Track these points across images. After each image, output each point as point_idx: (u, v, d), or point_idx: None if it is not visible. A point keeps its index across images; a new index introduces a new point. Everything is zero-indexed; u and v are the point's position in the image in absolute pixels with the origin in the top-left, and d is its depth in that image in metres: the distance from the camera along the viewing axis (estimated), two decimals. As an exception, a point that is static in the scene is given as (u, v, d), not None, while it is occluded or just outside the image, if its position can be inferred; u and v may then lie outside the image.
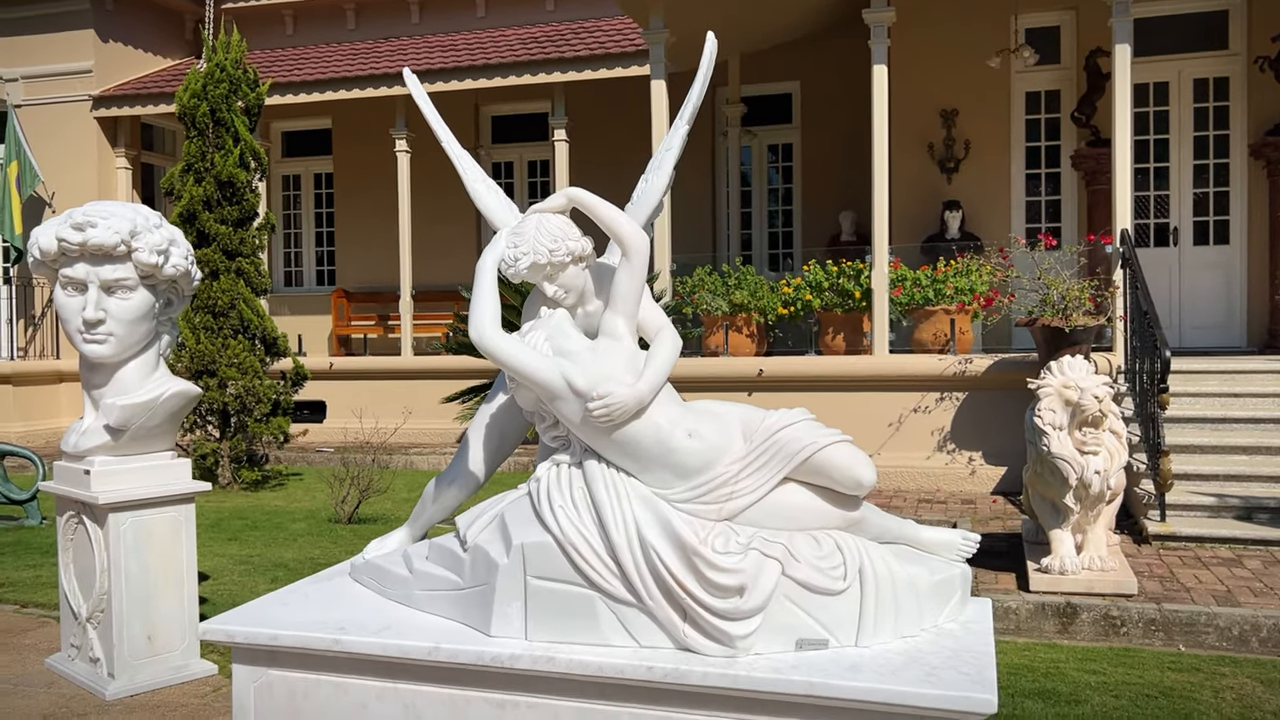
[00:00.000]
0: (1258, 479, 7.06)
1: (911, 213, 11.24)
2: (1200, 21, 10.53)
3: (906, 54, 11.10)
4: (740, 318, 9.68)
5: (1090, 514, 5.71)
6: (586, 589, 2.31)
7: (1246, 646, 5.13)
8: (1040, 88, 11.02)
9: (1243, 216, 10.40)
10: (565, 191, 2.51)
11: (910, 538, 2.52)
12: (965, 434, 8.78)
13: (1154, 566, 6.14)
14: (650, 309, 2.51)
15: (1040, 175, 11.08)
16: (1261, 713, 4.21)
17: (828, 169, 12.92)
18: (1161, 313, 10.55)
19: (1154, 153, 10.71)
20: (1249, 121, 10.34)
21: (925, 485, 8.80)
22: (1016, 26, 10.70)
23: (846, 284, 9.39)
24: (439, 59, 13.15)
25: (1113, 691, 4.43)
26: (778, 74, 13.30)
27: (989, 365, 8.59)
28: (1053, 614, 5.45)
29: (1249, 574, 5.90)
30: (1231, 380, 8.08)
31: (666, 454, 2.34)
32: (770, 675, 2.13)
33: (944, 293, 9.07)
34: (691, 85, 2.66)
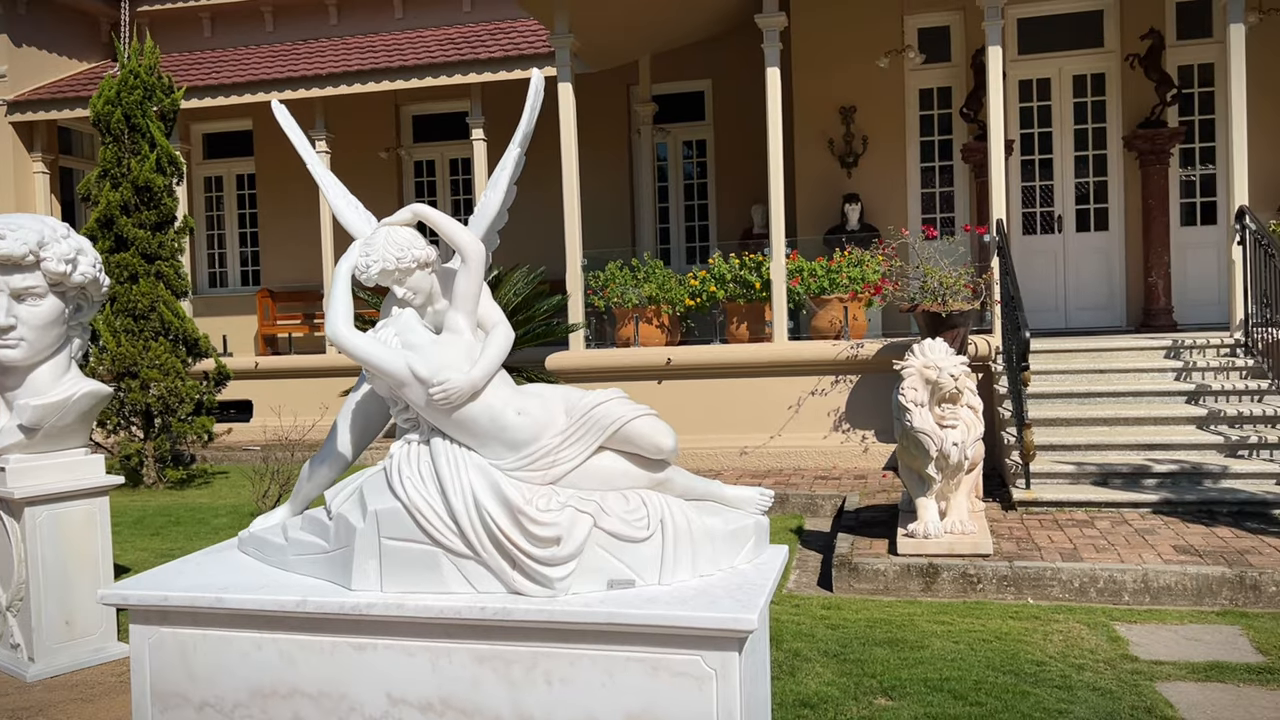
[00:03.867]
0: (1114, 448, 7.69)
1: (816, 205, 11.77)
2: (1078, 21, 11.19)
3: (807, 53, 11.62)
4: (650, 309, 10.12)
5: (951, 482, 6.25)
6: (431, 546, 2.72)
7: (1085, 596, 5.71)
8: (932, 85, 11.61)
9: (1120, 204, 11.10)
10: (411, 207, 2.92)
11: (715, 494, 2.97)
12: (859, 414, 9.34)
13: (1014, 529, 6.71)
14: (488, 306, 2.92)
15: (934, 168, 11.68)
16: (1079, 650, 4.76)
17: (740, 164, 13.42)
18: (1049, 296, 11.26)
19: (1039, 145, 11.36)
20: (1123, 115, 11.02)
21: (822, 463, 9.34)
22: (906, 27, 11.27)
23: (748, 275, 9.88)
24: (357, 60, 13.39)
25: (954, 639, 4.95)
26: (690, 72, 13.77)
27: (878, 349, 9.14)
28: (917, 574, 5.98)
29: (1097, 533, 6.49)
30: (1099, 357, 8.72)
31: (499, 430, 2.75)
32: (580, 609, 2.56)
33: (839, 282, 9.60)
34: (523, 112, 3.06)
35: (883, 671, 4.45)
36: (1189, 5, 10.84)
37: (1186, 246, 10.90)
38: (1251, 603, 5.44)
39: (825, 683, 4.36)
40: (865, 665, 4.55)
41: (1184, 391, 8.08)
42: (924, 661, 4.61)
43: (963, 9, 11.02)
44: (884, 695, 4.22)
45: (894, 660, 4.63)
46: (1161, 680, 4.34)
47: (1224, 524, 6.55)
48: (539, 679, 2.60)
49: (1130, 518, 6.84)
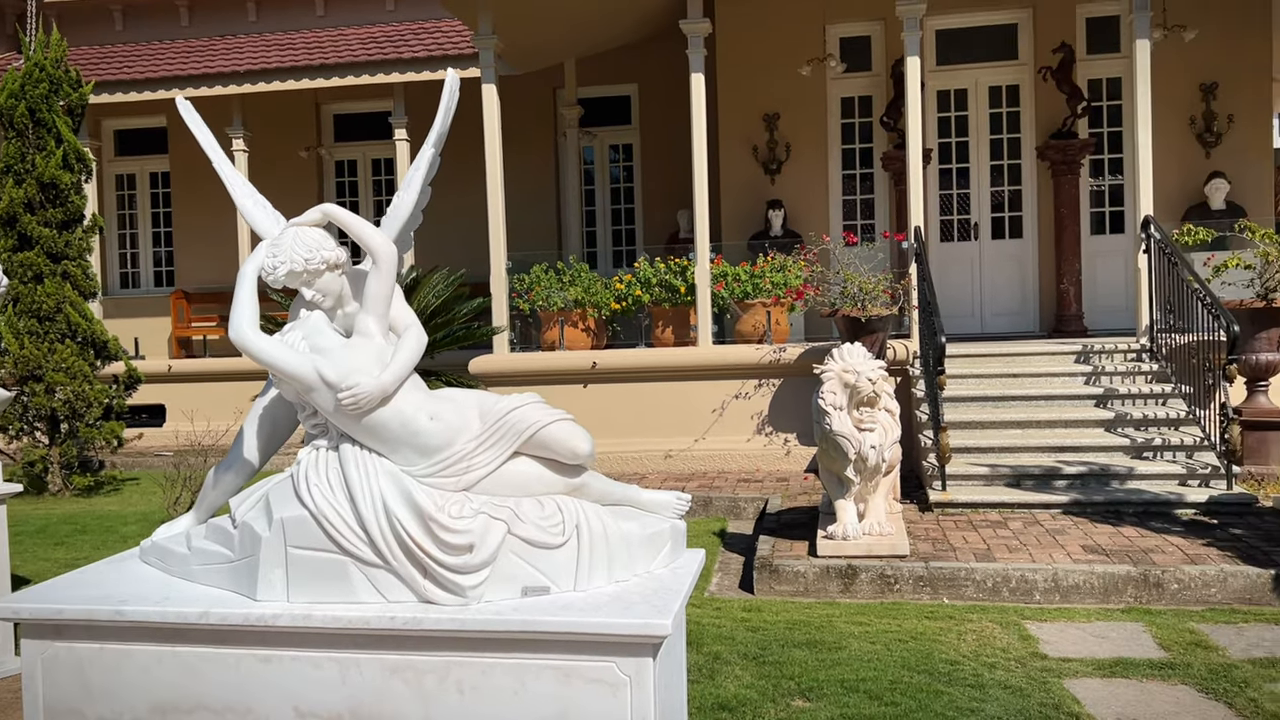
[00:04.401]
0: (1027, 450, 7.89)
1: (740, 211, 11.87)
2: (993, 34, 11.48)
3: (731, 60, 11.72)
4: (576, 313, 10.09)
5: (869, 485, 6.34)
6: (339, 555, 2.66)
7: (998, 596, 5.84)
8: (854, 93, 11.79)
9: (1033, 213, 11.41)
10: (320, 207, 2.86)
11: (631, 499, 2.95)
12: (781, 417, 9.43)
13: (930, 531, 6.83)
14: (401, 309, 2.87)
15: (855, 175, 11.86)
16: (991, 649, 4.86)
17: (666, 169, 13.47)
18: (965, 302, 11.52)
19: (956, 154, 11.62)
20: (1037, 126, 11.34)
21: (745, 466, 9.41)
22: (828, 36, 11.43)
23: (674, 280, 9.91)
24: (277, 58, 13.11)
25: (872, 639, 5.02)
26: (616, 76, 13.78)
27: (800, 353, 9.25)
28: (836, 575, 6.05)
29: (1009, 534, 6.65)
30: (1013, 362, 8.93)
31: (411, 436, 2.70)
32: (493, 617, 2.53)
33: (762, 287, 9.69)
34: (437, 112, 3.02)
35: (801, 673, 4.49)
36: (1098, 20, 11.20)
37: (1096, 254, 11.25)
38: (1155, 600, 5.62)
39: (744, 685, 4.38)
40: (784, 667, 4.58)
41: (1093, 395, 8.32)
42: (842, 662, 4.66)
43: (883, 19, 11.21)
44: (802, 697, 4.26)
45: (812, 662, 4.68)
46: (1069, 677, 4.45)
47: (1130, 524, 6.76)
48: (451, 689, 2.56)
49: (1041, 518, 7.01)
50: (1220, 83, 10.94)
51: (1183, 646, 4.79)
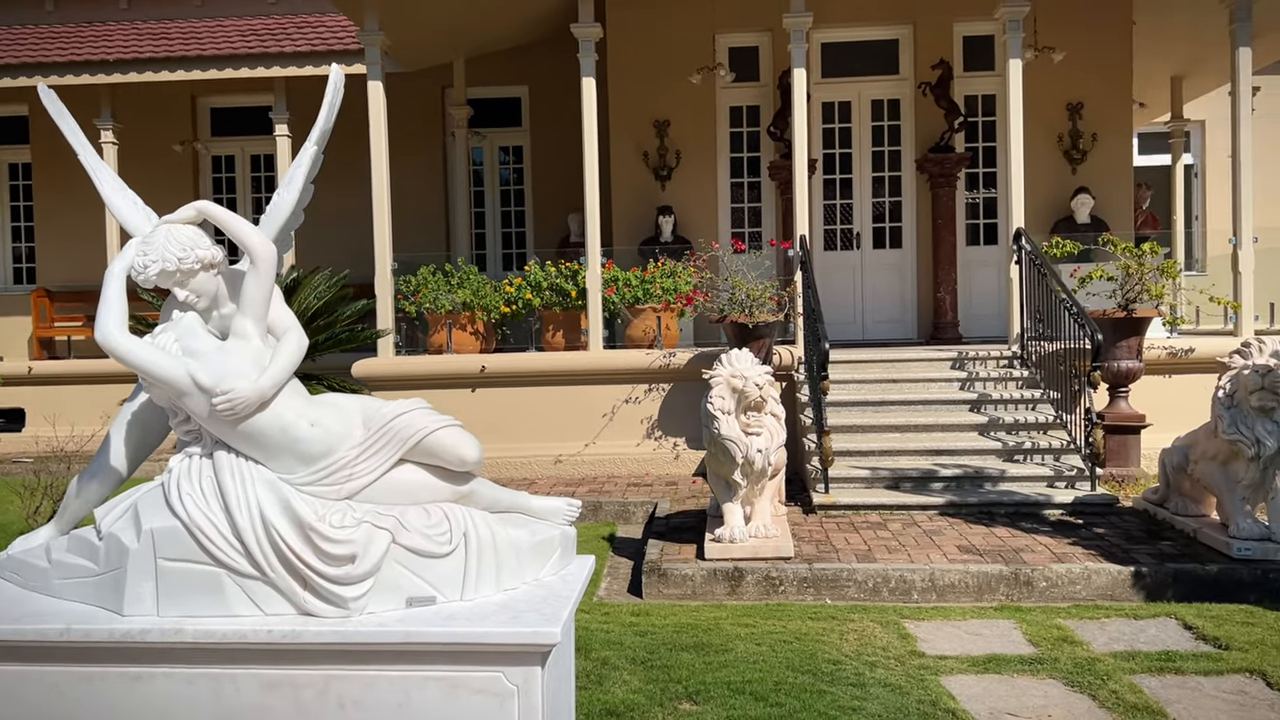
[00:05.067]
0: (906, 453, 8.13)
1: (631, 216, 11.92)
2: (876, 49, 11.81)
3: (622, 65, 11.75)
4: (464, 316, 9.96)
5: (756, 488, 6.44)
6: (213, 567, 2.55)
7: (878, 596, 5.99)
8: (742, 103, 11.97)
9: (912, 224, 11.78)
10: (195, 204, 2.74)
11: (521, 506, 2.92)
12: (671, 422, 9.50)
13: (814, 533, 6.98)
14: (280, 311, 2.78)
15: (744, 183, 12.04)
16: (872, 648, 4.98)
17: (557, 172, 13.42)
18: (848, 309, 11.80)
19: (840, 165, 11.91)
20: (916, 139, 11.70)
21: (635, 470, 9.44)
22: (718, 46, 11.58)
23: (564, 284, 9.88)
24: (149, 47, 12.57)
25: (757, 641, 5.08)
26: (507, 78, 13.68)
27: (690, 358, 9.34)
28: (723, 578, 6.11)
29: (889, 535, 6.84)
30: (893, 368, 9.20)
31: (291, 443, 2.62)
32: (375, 629, 2.47)
33: (653, 292, 9.74)
34: (320, 109, 2.94)
35: (688, 676, 4.52)
36: (975, 39, 11.64)
37: (971, 264, 11.68)
38: (1025, 597, 5.86)
39: (632, 690, 4.38)
40: (672, 671, 4.61)
41: (968, 400, 8.63)
42: (728, 665, 4.70)
43: (771, 31, 11.41)
44: (689, 700, 4.28)
45: (699, 665, 4.71)
46: (945, 674, 4.60)
47: (1002, 524, 7.03)
48: (331, 703, 2.49)
49: (920, 519, 7.24)
50: (1085, 103, 11.50)
51: (1051, 642, 5.00)
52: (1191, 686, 4.41)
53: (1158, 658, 4.72)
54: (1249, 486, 6.04)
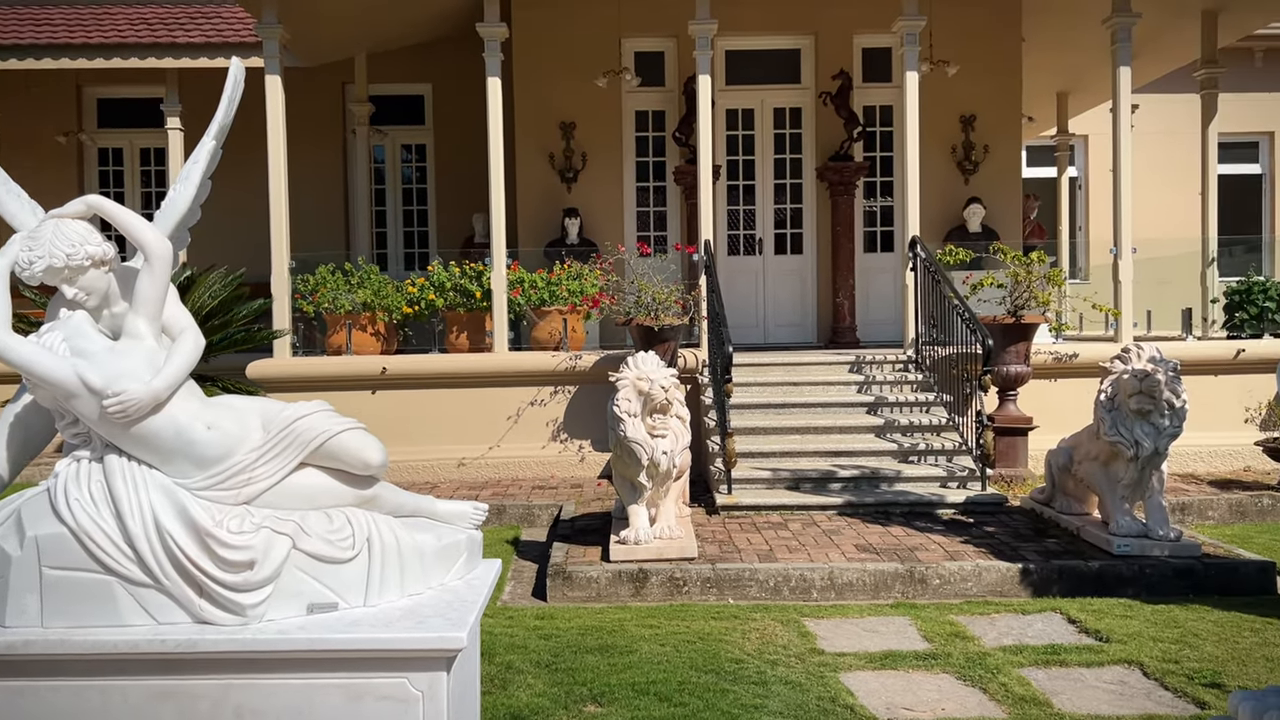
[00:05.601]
0: (805, 454, 8.29)
1: (537, 218, 11.88)
2: (779, 58, 12.02)
3: (528, 66, 11.71)
4: (365, 316, 9.78)
5: (661, 490, 6.48)
6: (104, 575, 2.46)
7: (779, 595, 6.09)
8: (648, 107, 12.05)
9: (813, 230, 12.02)
10: (85, 199, 2.63)
11: (426, 510, 2.89)
12: (576, 424, 9.49)
13: (717, 533, 7.06)
14: (176, 310, 2.69)
15: (649, 187, 12.12)
16: (773, 646, 5.07)
17: (462, 172, 13.29)
18: (751, 313, 11.97)
19: (743, 172, 12.08)
20: (817, 148, 11.95)
21: (540, 473, 9.41)
22: (624, 50, 11.63)
23: (469, 285, 9.79)
24: (30, 33, 12.01)
25: (661, 641, 5.12)
26: (410, 75, 13.49)
27: (596, 361, 9.35)
28: (628, 580, 6.13)
29: (790, 534, 6.96)
30: (794, 371, 9.37)
31: (186, 446, 2.54)
32: (275, 636, 2.41)
33: (559, 294, 9.72)
34: (220, 103, 2.86)
35: (593, 679, 4.53)
36: (874, 51, 11.94)
37: (869, 271, 11.97)
38: (919, 595, 6.04)
39: (537, 694, 4.37)
40: (576, 674, 4.61)
41: (865, 403, 8.85)
42: (633, 666, 4.73)
43: (676, 37, 11.51)
44: (594, 702, 4.29)
45: (604, 667, 4.73)
46: (844, 671, 4.71)
47: (897, 523, 7.23)
48: (228, 713, 2.42)
49: (819, 519, 7.39)
50: (978, 115, 11.91)
51: (944, 638, 5.16)
52: (1075, 678, 4.60)
53: (1044, 651, 4.92)
54: (1128, 486, 6.34)
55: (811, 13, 11.61)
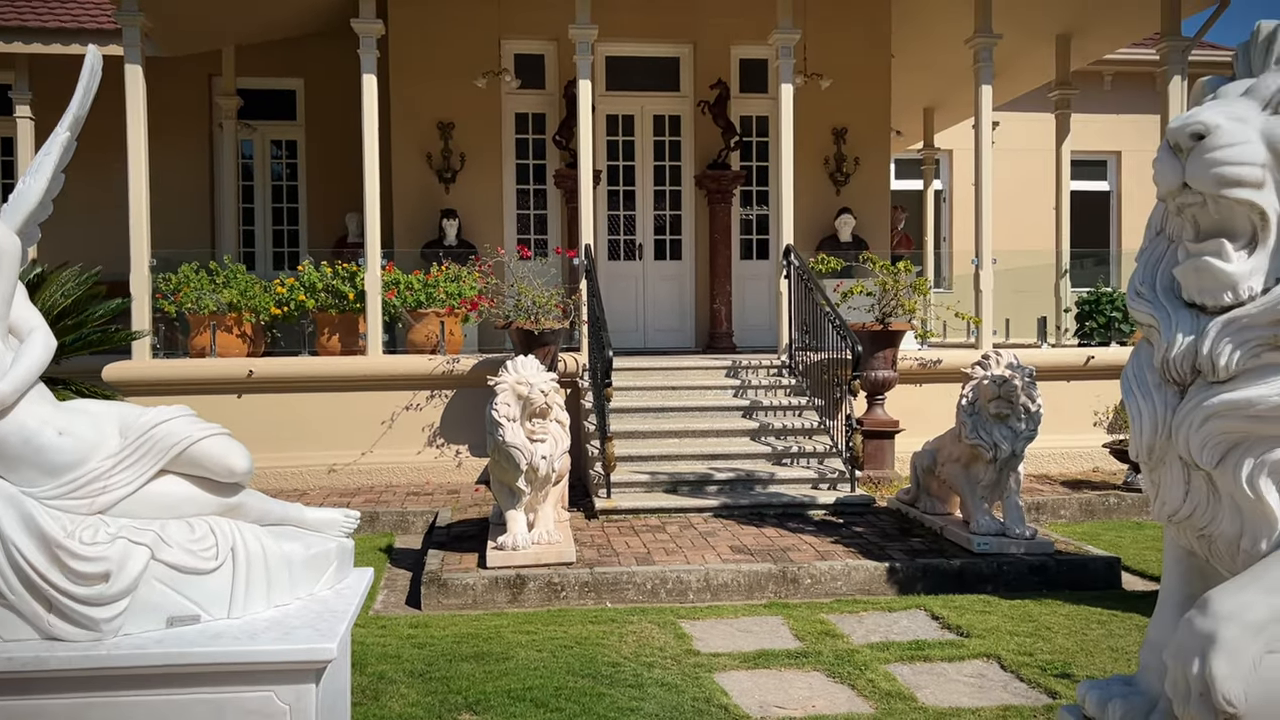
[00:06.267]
0: (684, 458, 8.39)
1: (414, 218, 11.68)
2: (659, 65, 12.14)
3: (405, 64, 11.52)
4: (230, 317, 9.43)
5: (540, 495, 6.46)
6: (-60, 591, 2.30)
7: (656, 597, 6.15)
8: (529, 110, 11.99)
9: (691, 237, 12.17)
10: (-79, 189, 2.46)
11: (295, 518, 2.81)
12: (453, 429, 9.36)
13: (596, 537, 7.07)
14: (24, 309, 2.54)
15: (529, 190, 12.06)
16: (650, 649, 5.10)
17: (335, 170, 12.98)
18: (631, 317, 12.04)
19: (624, 177, 12.15)
20: (696, 156, 12.11)
21: (415, 479, 9.24)
22: (504, 51, 11.56)
23: (341, 285, 9.55)
24: None
25: (538, 647, 5.10)
26: (281, 69, 13.10)
27: (474, 364, 9.24)
28: (505, 586, 6.09)
29: (667, 537, 7.03)
30: (672, 375, 9.47)
31: (35, 453, 2.40)
32: (132, 652, 2.30)
33: (436, 297, 9.58)
34: (75, 92, 2.72)
35: (468, 687, 4.48)
36: (751, 63, 12.18)
37: (745, 278, 12.20)
38: (792, 594, 6.18)
39: (410, 704, 4.29)
40: (451, 682, 4.54)
41: (741, 407, 9.01)
42: (509, 673, 4.69)
43: (557, 40, 11.50)
44: (469, 710, 4.24)
45: (479, 674, 4.67)
46: (719, 671, 4.78)
47: (771, 525, 7.38)
48: (80, 735, 2.30)
49: (696, 521, 7.48)
50: (849, 128, 12.28)
51: (815, 636, 5.29)
52: (938, 672, 4.79)
53: (909, 647, 5.10)
54: (987, 486, 6.63)
55: (690, 22, 11.77)
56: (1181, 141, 2.12)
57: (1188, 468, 2.17)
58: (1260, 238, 2.09)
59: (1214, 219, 2.14)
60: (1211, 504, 2.15)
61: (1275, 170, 2.06)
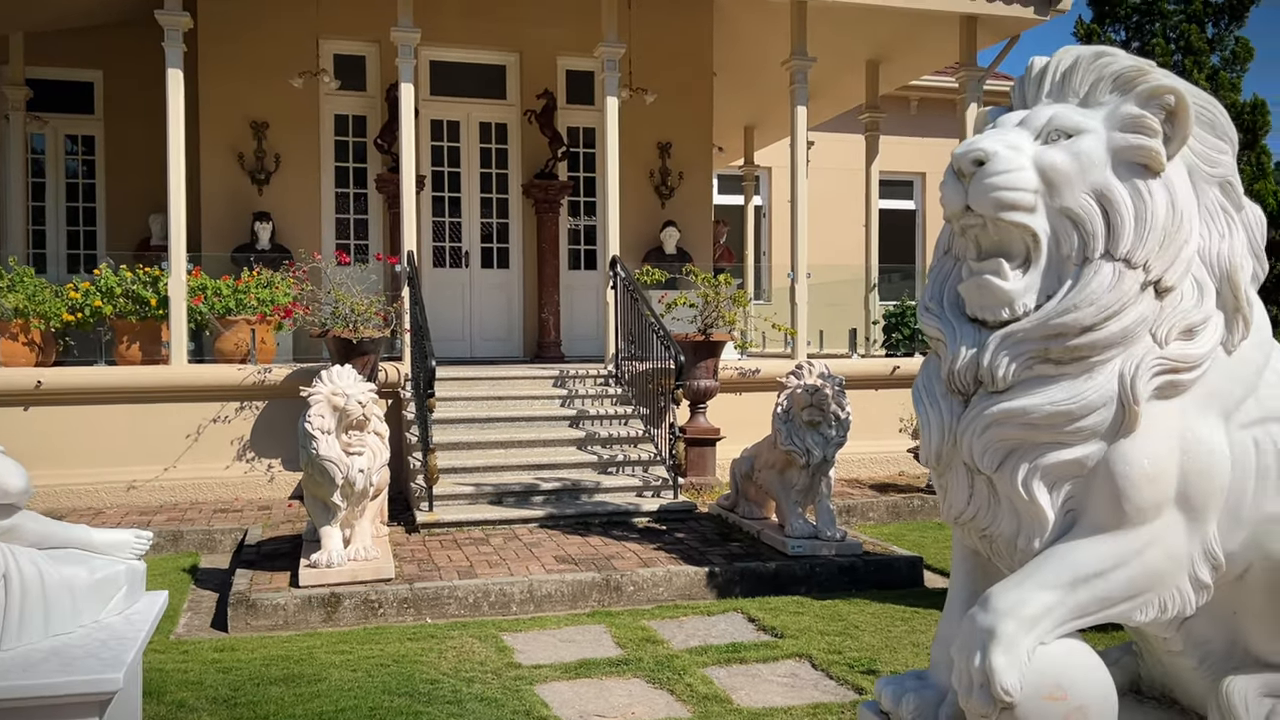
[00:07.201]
0: (510, 468, 8.33)
1: (224, 221, 11.15)
2: (485, 72, 12.05)
3: (215, 60, 10.99)
4: (16, 324, 8.73)
5: (357, 509, 6.26)
6: None
7: (479, 611, 6.06)
8: (349, 112, 11.66)
9: (519, 246, 12.12)
10: None
11: (80, 541, 2.62)
12: (265, 442, 8.97)
13: (417, 552, 6.92)
14: None
15: (349, 194, 11.72)
16: (470, 663, 5.03)
17: (138, 168, 12.22)
18: (457, 326, 11.87)
19: (449, 183, 11.98)
20: (523, 164, 12.08)
21: (224, 495, 8.80)
22: (322, 51, 11.19)
23: (143, 291, 8.99)
24: None
25: (353, 667, 4.94)
26: (77, 59, 12.25)
27: (288, 374, 8.88)
28: (318, 605, 5.86)
29: (491, 550, 6.95)
30: (499, 385, 9.39)
31: None
32: (-120, 694, 2.08)
33: (247, 303, 9.16)
34: None
35: (276, 711, 4.29)
36: (577, 74, 12.26)
37: (573, 287, 12.24)
38: (615, 602, 6.22)
39: (213, 733, 4.07)
40: (258, 707, 4.34)
41: (568, 416, 9.02)
42: (321, 695, 4.52)
43: (379, 42, 11.23)
44: (278, 736, 4.06)
45: (289, 698, 4.49)
46: (540, 682, 4.76)
47: (596, 533, 7.42)
48: None
49: (521, 533, 7.44)
50: (674, 143, 12.54)
51: (636, 643, 5.35)
52: (753, 674, 4.92)
53: (726, 650, 5.22)
54: (801, 491, 6.89)
55: (516, 31, 11.74)
56: (964, 167, 2.27)
57: (971, 472, 2.31)
58: (1033, 258, 2.26)
59: (993, 240, 2.30)
60: (992, 506, 2.30)
61: (1046, 196, 2.24)
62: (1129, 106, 2.25)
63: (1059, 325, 2.18)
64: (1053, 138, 2.26)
